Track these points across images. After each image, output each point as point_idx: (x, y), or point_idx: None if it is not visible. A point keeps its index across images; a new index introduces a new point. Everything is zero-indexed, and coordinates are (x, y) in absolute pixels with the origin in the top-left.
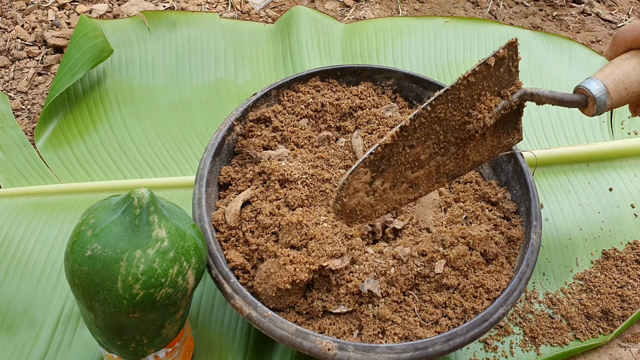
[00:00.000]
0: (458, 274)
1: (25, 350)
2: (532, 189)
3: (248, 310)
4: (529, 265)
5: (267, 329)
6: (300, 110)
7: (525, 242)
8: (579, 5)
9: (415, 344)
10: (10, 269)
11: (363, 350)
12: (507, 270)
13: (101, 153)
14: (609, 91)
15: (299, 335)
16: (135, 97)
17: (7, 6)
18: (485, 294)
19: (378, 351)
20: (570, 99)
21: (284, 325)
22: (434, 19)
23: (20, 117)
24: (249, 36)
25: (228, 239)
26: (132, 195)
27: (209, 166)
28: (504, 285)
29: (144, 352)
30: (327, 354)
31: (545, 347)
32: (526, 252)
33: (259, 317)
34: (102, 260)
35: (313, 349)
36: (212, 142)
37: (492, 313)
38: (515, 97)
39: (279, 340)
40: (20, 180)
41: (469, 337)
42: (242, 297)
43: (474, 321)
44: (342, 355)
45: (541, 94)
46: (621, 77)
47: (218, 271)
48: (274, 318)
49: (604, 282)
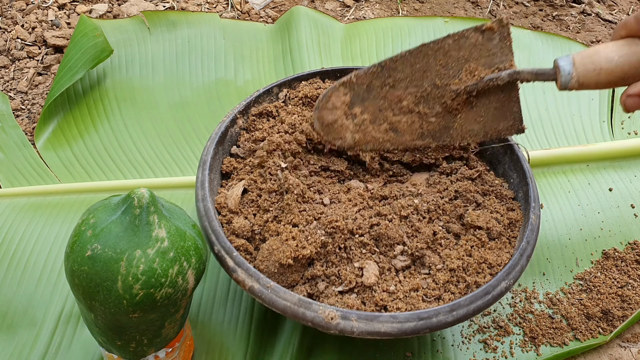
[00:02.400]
0: (464, 254)
1: (25, 350)
2: (529, 175)
3: (250, 283)
4: (529, 242)
5: (269, 301)
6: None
7: (525, 222)
8: (579, 5)
9: (419, 313)
10: (10, 269)
11: (366, 319)
12: (508, 248)
13: (101, 153)
14: (574, 62)
15: (302, 305)
16: (135, 97)
17: (7, 6)
18: (487, 269)
19: (381, 320)
20: (543, 71)
21: (286, 296)
22: (434, 19)
23: (20, 117)
24: (249, 36)
25: (230, 222)
26: (132, 195)
27: (212, 152)
28: (506, 261)
29: (144, 352)
30: (330, 324)
31: (545, 348)
32: (526, 230)
33: (261, 288)
34: (102, 260)
35: (316, 319)
36: (216, 132)
37: (495, 286)
38: (505, 74)
39: (282, 311)
40: (20, 180)
41: (472, 309)
42: (244, 270)
43: (477, 293)
44: (345, 324)
45: (524, 70)
46: (591, 51)
47: (220, 246)
48: (277, 289)
49: (604, 282)
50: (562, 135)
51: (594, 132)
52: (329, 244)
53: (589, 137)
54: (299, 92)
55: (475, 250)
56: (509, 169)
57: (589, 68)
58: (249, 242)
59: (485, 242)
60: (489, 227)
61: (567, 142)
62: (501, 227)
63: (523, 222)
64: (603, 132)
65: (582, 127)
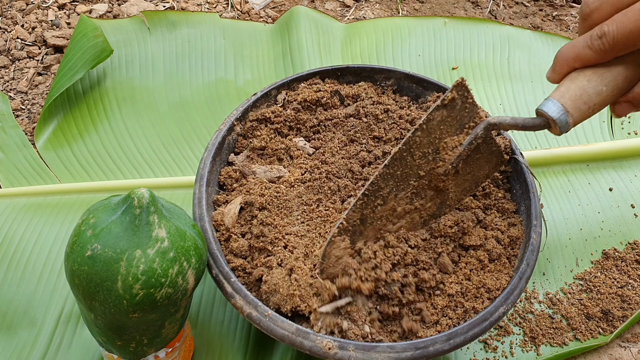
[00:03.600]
0: (462, 279)
1: (25, 350)
2: (531, 188)
3: (248, 310)
4: (529, 264)
5: (267, 329)
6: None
7: (525, 241)
8: (578, 5)
9: (416, 343)
10: (10, 269)
11: (364, 350)
12: (507, 270)
13: (101, 153)
14: (567, 110)
15: (300, 335)
16: (135, 97)
17: (7, 6)
18: (486, 294)
19: (378, 350)
20: (532, 123)
21: (284, 325)
22: (434, 19)
23: (20, 117)
24: (249, 36)
25: (228, 239)
26: (132, 195)
27: (209, 166)
28: (504, 285)
29: (144, 352)
30: (328, 353)
31: (545, 348)
32: (526, 251)
33: (259, 316)
34: (102, 260)
35: (314, 349)
36: (213, 142)
37: (493, 312)
38: (480, 129)
39: (280, 339)
40: (20, 180)
41: (470, 336)
42: (242, 297)
43: (474, 320)
44: (342, 354)
45: (503, 122)
46: (577, 92)
47: (219, 271)
48: (275, 317)
49: (604, 282)
50: (562, 135)
51: (594, 132)
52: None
53: (589, 137)
54: (298, 94)
55: (474, 274)
56: (511, 178)
57: (583, 109)
58: (248, 262)
59: (485, 264)
60: (489, 249)
61: (567, 142)
62: (501, 248)
63: (524, 240)
64: (603, 132)
65: (582, 127)
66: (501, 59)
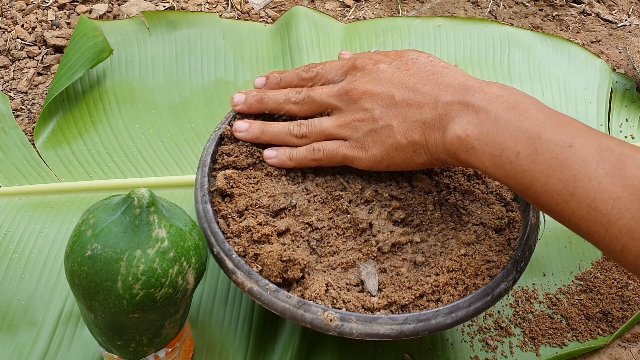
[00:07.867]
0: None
1: (25, 350)
2: None
3: (249, 285)
4: (529, 243)
5: (268, 303)
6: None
7: (525, 223)
8: (579, 5)
9: (418, 315)
10: (10, 268)
11: (365, 321)
12: (507, 250)
13: (101, 152)
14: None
15: (301, 307)
16: (135, 97)
17: (7, 6)
18: (486, 271)
19: (380, 322)
20: None
21: (285, 298)
22: (434, 19)
23: (20, 117)
24: (248, 36)
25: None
26: (132, 195)
27: (211, 153)
28: (505, 263)
29: (144, 352)
30: (329, 325)
31: (544, 348)
32: (526, 231)
33: (261, 290)
34: (102, 260)
35: (315, 321)
36: (215, 132)
37: (494, 287)
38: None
39: (281, 313)
40: (20, 179)
41: (472, 311)
42: (243, 272)
43: (476, 294)
44: (344, 326)
45: None
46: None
47: (220, 248)
48: (276, 291)
49: (604, 282)
50: None
51: None
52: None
53: None
54: None
55: (474, 250)
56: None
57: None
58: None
59: (485, 240)
60: (487, 224)
61: None
62: (502, 224)
63: (523, 222)
64: None
65: None
66: (501, 59)
